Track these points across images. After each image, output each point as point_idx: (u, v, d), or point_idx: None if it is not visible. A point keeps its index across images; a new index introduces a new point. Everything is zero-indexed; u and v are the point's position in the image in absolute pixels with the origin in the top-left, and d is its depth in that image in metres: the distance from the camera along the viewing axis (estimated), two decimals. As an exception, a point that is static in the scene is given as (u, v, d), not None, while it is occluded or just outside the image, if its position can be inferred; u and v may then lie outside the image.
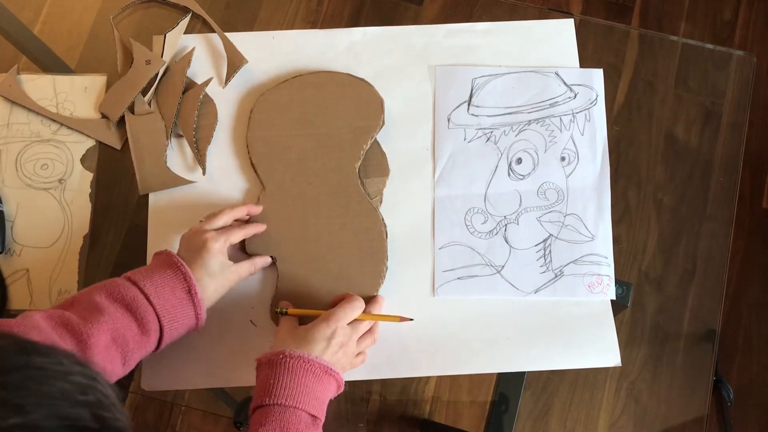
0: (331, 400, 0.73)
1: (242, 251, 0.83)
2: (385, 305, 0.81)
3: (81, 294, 0.71)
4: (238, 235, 0.79)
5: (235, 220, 0.81)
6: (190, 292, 0.72)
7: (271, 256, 0.82)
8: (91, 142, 0.89)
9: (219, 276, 0.75)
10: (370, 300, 0.80)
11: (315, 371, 0.70)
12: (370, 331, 0.78)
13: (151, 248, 0.84)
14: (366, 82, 0.89)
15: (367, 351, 0.79)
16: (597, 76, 0.90)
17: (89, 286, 0.72)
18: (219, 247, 0.76)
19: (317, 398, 0.70)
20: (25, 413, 0.35)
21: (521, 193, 0.86)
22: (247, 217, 0.83)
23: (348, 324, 0.75)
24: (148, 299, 0.70)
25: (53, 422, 0.36)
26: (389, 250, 0.83)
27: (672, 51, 0.93)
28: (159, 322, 0.71)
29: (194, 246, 0.76)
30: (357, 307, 0.76)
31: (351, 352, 0.75)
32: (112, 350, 0.68)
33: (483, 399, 0.82)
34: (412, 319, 0.79)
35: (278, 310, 0.78)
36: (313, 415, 0.69)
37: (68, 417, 0.37)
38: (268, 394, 0.68)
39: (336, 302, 0.78)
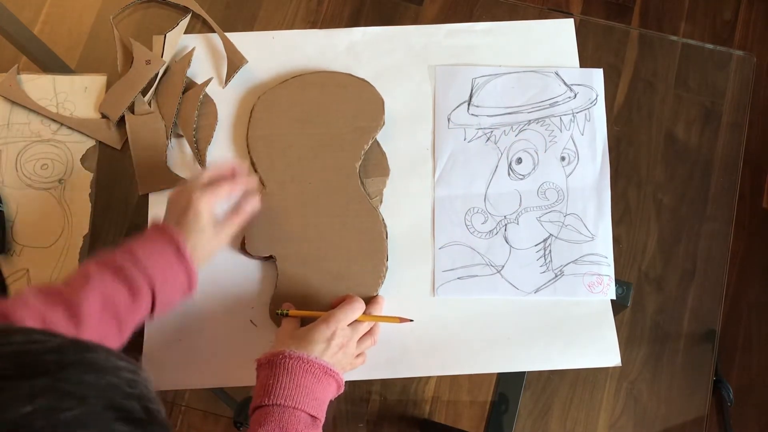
0: (331, 401, 0.73)
1: (242, 250, 0.83)
2: (386, 305, 0.81)
3: (74, 270, 0.71)
4: (224, 190, 0.77)
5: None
6: (179, 251, 0.71)
7: (272, 256, 0.82)
8: (91, 142, 0.89)
9: (209, 234, 0.74)
10: (370, 300, 0.80)
11: (314, 372, 0.70)
12: (370, 332, 0.78)
13: (151, 248, 0.84)
14: (366, 82, 0.89)
15: (367, 352, 0.79)
16: (597, 76, 0.90)
17: None
18: (205, 204, 0.74)
19: (317, 399, 0.70)
20: (87, 404, 0.36)
21: (521, 192, 0.86)
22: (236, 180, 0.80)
23: (348, 325, 0.75)
24: (135, 262, 0.69)
25: (111, 413, 0.37)
26: (389, 249, 0.83)
27: (672, 51, 0.93)
28: (150, 284, 0.70)
29: (180, 206, 0.74)
30: (357, 309, 0.76)
31: (351, 353, 0.75)
32: (105, 317, 0.67)
33: (483, 399, 0.82)
34: (412, 320, 0.79)
35: (279, 311, 0.78)
36: (312, 416, 0.69)
37: (123, 409, 0.38)
38: (268, 395, 0.68)
39: (336, 303, 0.78)
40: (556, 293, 0.82)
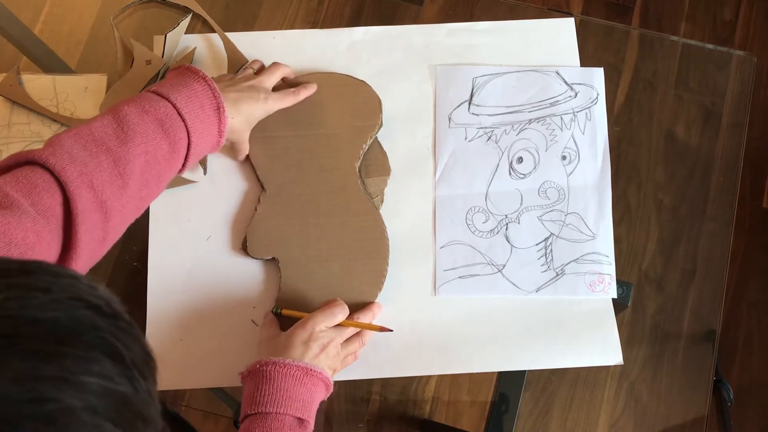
0: (331, 401, 0.73)
1: (243, 251, 0.83)
2: (386, 305, 0.81)
3: (110, 108, 0.70)
4: (281, 71, 0.85)
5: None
6: (219, 108, 0.73)
7: (273, 258, 0.82)
8: (91, 142, 0.89)
9: (262, 96, 0.80)
10: (366, 306, 0.80)
11: (294, 374, 0.70)
12: (358, 334, 0.78)
13: (152, 249, 0.84)
14: (364, 82, 0.89)
15: (368, 351, 0.79)
16: (597, 75, 0.90)
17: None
18: (267, 77, 0.82)
19: (300, 400, 0.69)
20: (53, 294, 0.36)
21: (522, 192, 0.86)
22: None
23: (333, 327, 0.75)
24: (180, 114, 0.70)
25: (78, 302, 0.37)
26: (390, 249, 0.83)
27: (672, 51, 0.94)
28: (188, 138, 0.70)
29: (236, 79, 0.80)
30: (337, 313, 0.76)
31: (333, 354, 0.74)
32: (145, 175, 0.68)
33: (483, 399, 0.82)
34: (391, 330, 0.78)
35: (273, 309, 0.78)
36: (299, 418, 0.69)
37: (89, 302, 0.37)
38: (251, 404, 0.69)
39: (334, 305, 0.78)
40: (557, 292, 0.83)
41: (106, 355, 0.35)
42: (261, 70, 0.86)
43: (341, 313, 0.76)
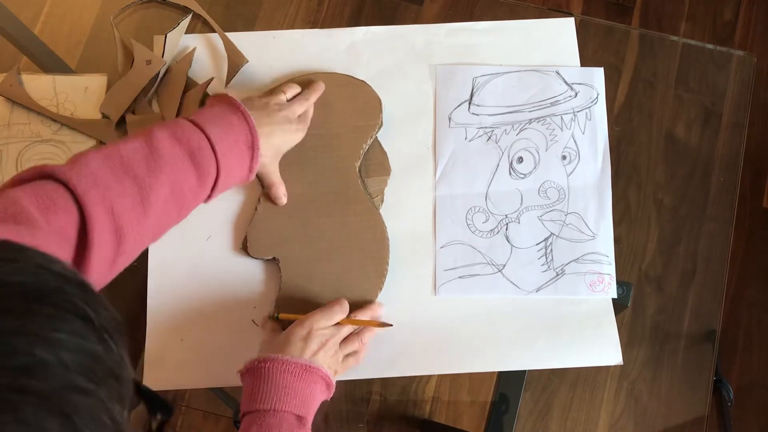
0: (331, 401, 0.73)
1: (244, 251, 0.83)
2: (386, 304, 0.81)
3: (143, 131, 0.69)
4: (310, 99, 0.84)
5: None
6: (253, 145, 0.72)
7: (274, 257, 0.82)
8: (91, 142, 0.89)
9: (293, 126, 0.79)
10: (366, 305, 0.80)
11: (292, 371, 0.69)
12: (358, 333, 0.78)
13: (152, 249, 0.84)
14: (363, 81, 0.89)
15: (368, 351, 0.79)
16: (598, 74, 0.90)
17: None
18: (299, 107, 0.82)
19: (299, 397, 0.69)
20: (19, 263, 0.37)
21: (522, 192, 0.86)
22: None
23: (331, 326, 0.75)
24: (212, 147, 0.69)
25: (43, 271, 0.37)
26: (390, 249, 0.83)
27: (672, 51, 0.94)
28: (217, 173, 0.70)
29: (270, 108, 0.78)
30: (336, 311, 0.76)
31: (332, 352, 0.74)
32: (169, 204, 0.67)
33: (483, 399, 0.82)
34: (391, 325, 0.79)
35: (271, 315, 0.79)
36: (298, 416, 0.69)
37: (57, 272, 0.38)
38: (250, 402, 0.69)
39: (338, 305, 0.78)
40: (557, 292, 0.83)
41: (76, 316, 0.36)
42: (294, 95, 0.85)
43: (340, 312, 0.76)
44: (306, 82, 0.87)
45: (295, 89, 0.85)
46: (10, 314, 0.33)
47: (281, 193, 0.82)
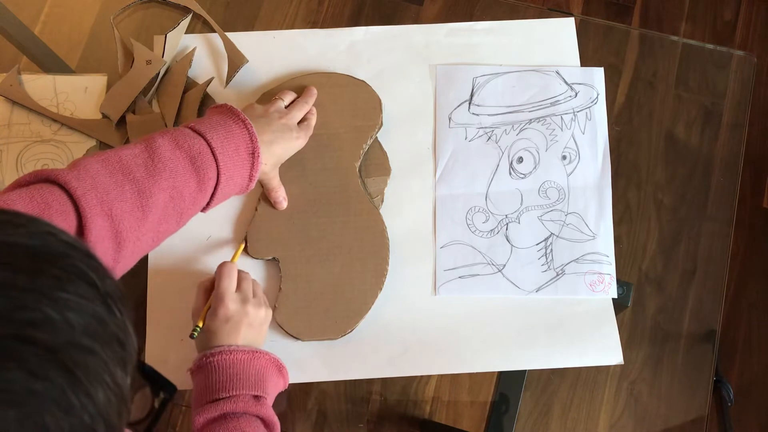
0: (332, 401, 0.73)
1: (244, 252, 0.83)
2: (386, 304, 0.81)
3: (143, 138, 0.69)
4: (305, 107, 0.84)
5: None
6: (254, 153, 0.72)
7: (274, 258, 0.82)
8: (91, 143, 0.89)
9: (294, 134, 0.79)
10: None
11: (241, 358, 0.71)
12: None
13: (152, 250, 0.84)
14: (364, 82, 0.89)
15: (368, 351, 0.79)
16: (598, 74, 0.90)
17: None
18: (299, 114, 0.82)
19: (251, 379, 0.70)
20: (24, 228, 0.38)
21: (522, 192, 0.86)
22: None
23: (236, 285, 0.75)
24: (213, 153, 0.69)
25: (51, 237, 0.38)
26: (390, 249, 0.83)
27: (672, 51, 0.93)
28: (217, 179, 0.70)
29: (271, 116, 0.78)
30: (223, 277, 0.74)
31: (255, 318, 0.74)
32: (168, 210, 0.67)
33: (483, 399, 0.82)
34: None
35: (192, 334, 0.74)
36: (255, 395, 0.70)
37: (60, 237, 0.39)
38: (205, 394, 0.70)
39: (209, 286, 0.76)
40: (557, 292, 0.83)
41: (82, 280, 0.37)
42: (291, 101, 0.85)
43: (227, 277, 0.74)
44: (299, 87, 0.87)
45: (292, 95, 0.85)
46: (21, 272, 0.35)
47: (281, 198, 0.82)
